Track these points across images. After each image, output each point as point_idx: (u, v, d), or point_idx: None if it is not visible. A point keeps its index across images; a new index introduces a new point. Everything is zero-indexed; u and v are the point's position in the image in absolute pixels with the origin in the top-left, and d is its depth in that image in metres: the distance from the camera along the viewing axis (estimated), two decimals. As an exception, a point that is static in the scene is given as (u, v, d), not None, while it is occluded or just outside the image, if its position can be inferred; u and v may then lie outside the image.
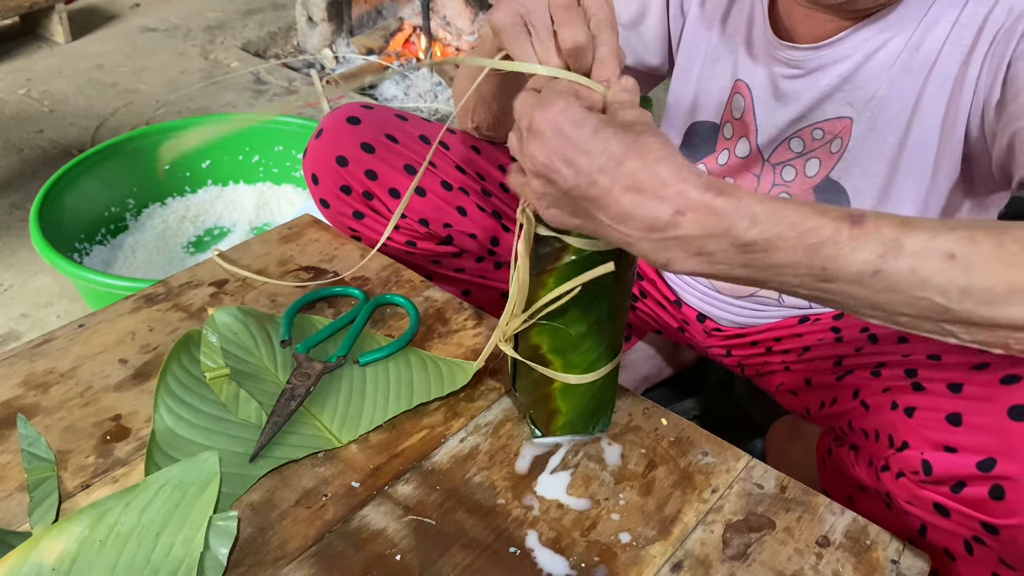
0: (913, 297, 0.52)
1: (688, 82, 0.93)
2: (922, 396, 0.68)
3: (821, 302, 0.55)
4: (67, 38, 2.77)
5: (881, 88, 0.78)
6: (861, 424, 0.77)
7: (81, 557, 0.60)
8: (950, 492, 0.62)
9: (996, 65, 0.71)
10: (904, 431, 0.68)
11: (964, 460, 0.61)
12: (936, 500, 0.64)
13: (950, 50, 0.74)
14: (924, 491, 0.65)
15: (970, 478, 0.60)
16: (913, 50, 0.76)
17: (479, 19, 2.84)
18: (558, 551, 0.64)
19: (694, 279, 1.01)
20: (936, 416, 0.65)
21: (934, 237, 0.51)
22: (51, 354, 0.81)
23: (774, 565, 0.63)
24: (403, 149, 0.95)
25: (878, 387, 0.75)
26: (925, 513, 0.66)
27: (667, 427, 0.75)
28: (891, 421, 0.70)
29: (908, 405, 0.69)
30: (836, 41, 0.78)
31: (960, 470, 0.61)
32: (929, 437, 0.64)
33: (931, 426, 0.65)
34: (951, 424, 0.63)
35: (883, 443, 0.71)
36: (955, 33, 0.73)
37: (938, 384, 0.67)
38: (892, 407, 0.71)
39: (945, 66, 0.74)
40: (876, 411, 0.74)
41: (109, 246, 1.70)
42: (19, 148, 2.17)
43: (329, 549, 0.63)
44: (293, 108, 2.29)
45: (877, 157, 0.80)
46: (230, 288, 0.91)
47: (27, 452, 0.70)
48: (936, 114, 0.76)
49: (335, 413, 0.75)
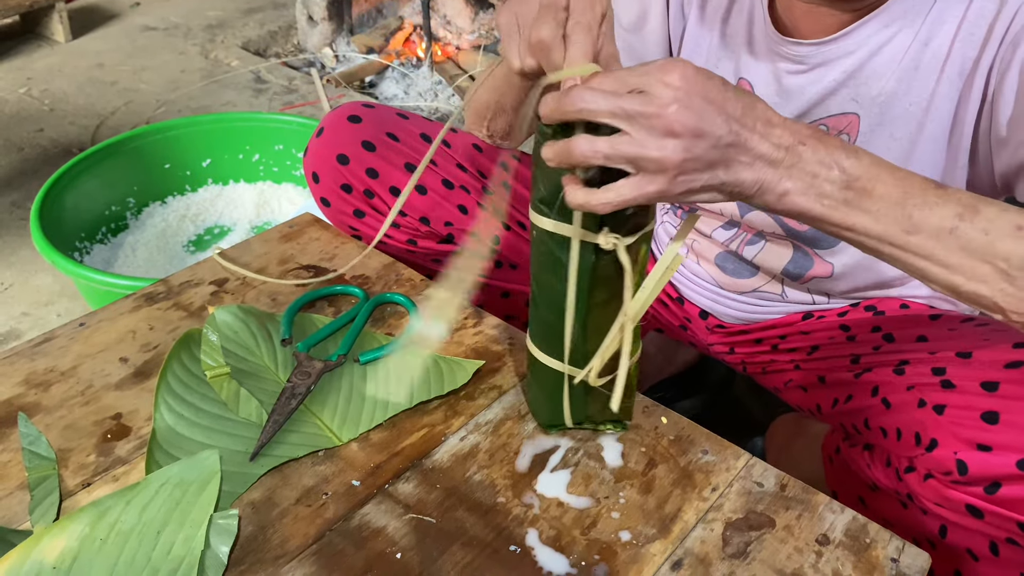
0: (981, 260, 0.56)
1: None
2: (952, 394, 0.67)
3: (892, 260, 0.59)
4: (67, 37, 2.77)
5: (888, 84, 0.77)
6: (880, 422, 0.76)
7: (82, 555, 0.60)
8: (984, 493, 0.62)
9: (1003, 71, 0.71)
10: (933, 429, 0.67)
11: (1002, 459, 0.60)
12: (969, 502, 0.63)
13: (960, 47, 0.73)
14: (955, 492, 0.64)
15: (1007, 478, 0.60)
16: (922, 46, 0.75)
17: (479, 18, 2.83)
18: (558, 549, 0.64)
19: (695, 276, 1.01)
20: (970, 414, 0.64)
21: (1005, 210, 0.56)
22: (52, 353, 0.81)
23: (774, 563, 0.63)
24: (404, 147, 0.95)
25: (902, 384, 0.74)
26: (954, 515, 0.65)
27: (667, 426, 0.75)
28: (918, 419, 0.70)
29: (938, 403, 0.68)
30: (840, 36, 0.78)
31: (997, 469, 0.60)
32: (962, 435, 0.64)
33: (965, 424, 0.64)
34: (987, 422, 0.62)
35: (907, 442, 0.71)
36: (964, 30, 0.73)
37: (970, 382, 0.67)
38: (919, 405, 0.70)
39: (957, 63, 0.74)
40: (900, 409, 0.73)
41: (110, 245, 1.70)
42: (19, 147, 2.17)
43: (330, 547, 0.63)
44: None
45: (884, 154, 0.80)
46: (230, 287, 0.91)
47: (28, 451, 0.70)
48: (949, 111, 0.76)
49: (335, 412, 0.75)
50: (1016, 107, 0.70)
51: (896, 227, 0.57)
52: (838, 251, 0.87)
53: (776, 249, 0.91)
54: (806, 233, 0.87)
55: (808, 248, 0.89)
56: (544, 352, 0.70)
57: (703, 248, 0.98)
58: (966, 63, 0.74)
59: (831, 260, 0.88)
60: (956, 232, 0.56)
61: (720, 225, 0.95)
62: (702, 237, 0.98)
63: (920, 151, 0.79)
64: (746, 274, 0.96)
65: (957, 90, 0.75)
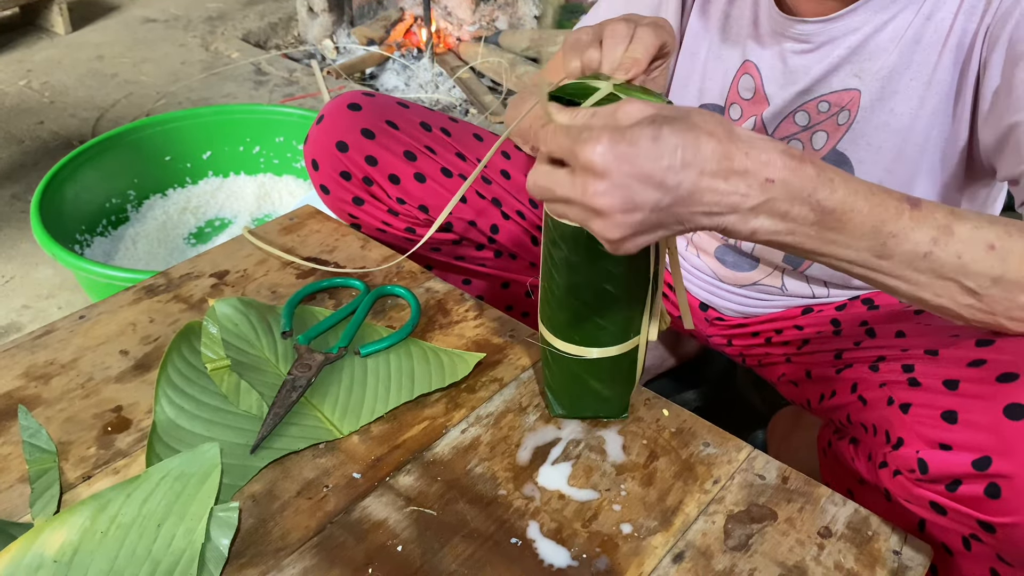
0: (951, 280, 0.58)
1: (695, 64, 0.92)
2: (918, 392, 0.68)
3: (867, 280, 0.59)
4: (67, 29, 2.76)
5: (891, 59, 0.77)
6: (860, 418, 0.76)
7: (82, 548, 0.60)
8: (945, 490, 0.62)
9: (992, 43, 0.71)
10: (899, 427, 0.67)
11: (959, 458, 0.60)
12: (932, 499, 0.63)
13: (962, 20, 0.74)
14: (920, 489, 0.64)
15: (966, 476, 0.60)
16: (924, 19, 0.75)
17: (480, 9, 2.82)
18: (559, 542, 0.64)
19: (695, 268, 1.01)
20: (931, 413, 0.64)
21: (978, 228, 0.57)
22: (52, 345, 0.81)
23: (776, 556, 0.63)
24: (403, 136, 0.95)
25: (876, 381, 0.75)
26: (922, 511, 0.65)
27: (669, 418, 0.75)
28: (887, 417, 0.70)
29: (904, 401, 0.68)
30: (846, 14, 0.78)
31: (955, 468, 0.60)
32: (924, 434, 0.64)
33: (926, 423, 0.64)
34: (946, 421, 0.62)
35: (880, 439, 0.71)
36: (967, 2, 0.73)
37: (934, 380, 0.67)
38: (888, 403, 0.70)
39: (958, 36, 0.74)
40: (873, 406, 0.74)
41: (110, 237, 1.70)
42: (20, 139, 2.16)
43: (330, 540, 0.63)
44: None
45: (884, 128, 0.80)
46: (231, 279, 0.91)
47: (28, 443, 0.70)
48: (950, 84, 0.76)
49: (336, 404, 0.75)
50: (1002, 81, 0.70)
51: (869, 253, 0.57)
52: None
53: None
54: None
55: None
56: (569, 341, 0.69)
57: (703, 241, 0.98)
58: (966, 36, 0.74)
59: None
60: (930, 257, 0.56)
61: None
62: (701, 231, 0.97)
63: (920, 125, 0.78)
64: (746, 267, 0.95)
65: (958, 64, 0.75)
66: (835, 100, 0.81)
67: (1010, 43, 0.69)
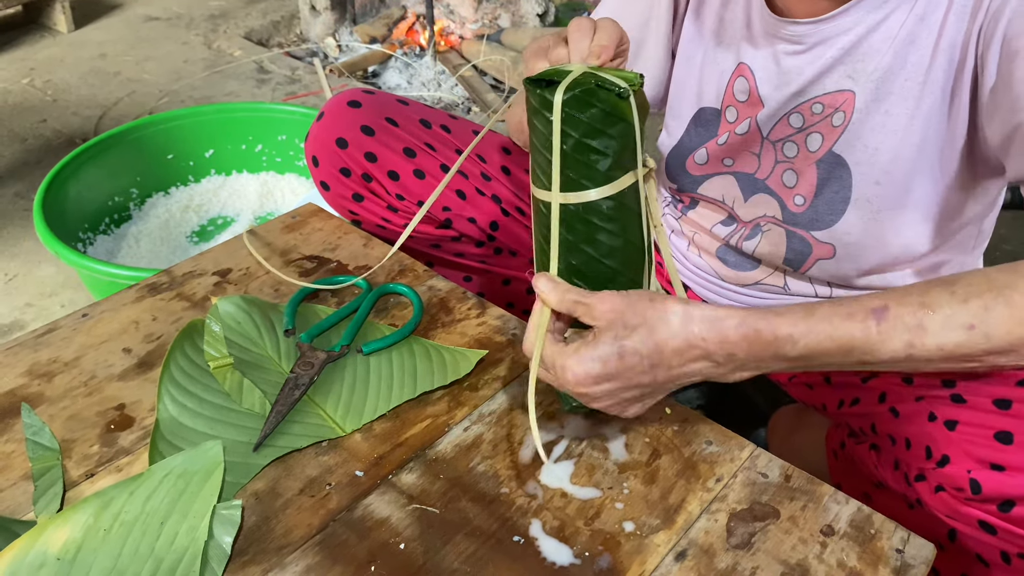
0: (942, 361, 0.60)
1: (692, 68, 0.92)
2: (964, 410, 0.68)
3: None
4: (70, 27, 2.76)
5: (885, 59, 0.77)
6: (888, 429, 0.76)
7: (85, 546, 0.60)
8: (997, 511, 0.62)
9: (987, 42, 0.70)
10: (944, 445, 0.67)
11: (1016, 480, 0.61)
12: (982, 518, 0.64)
13: (955, 20, 0.73)
14: (969, 508, 0.64)
15: (1022, 498, 0.60)
16: (918, 19, 0.75)
17: (482, 7, 2.82)
18: (562, 540, 0.64)
19: (698, 268, 1.00)
20: (983, 432, 0.65)
21: (952, 316, 0.58)
22: (55, 343, 0.81)
23: (778, 554, 0.63)
24: (403, 132, 0.95)
25: (910, 395, 0.75)
26: (968, 528, 0.65)
27: (671, 416, 0.75)
28: (928, 432, 0.70)
29: (949, 418, 0.68)
30: (839, 14, 0.77)
31: (1012, 490, 0.61)
32: (975, 454, 0.64)
33: (978, 442, 0.64)
34: (1000, 442, 0.63)
35: (917, 453, 0.71)
36: (958, 2, 0.73)
37: (982, 398, 0.67)
38: (930, 418, 0.70)
39: (951, 34, 0.73)
40: (909, 419, 0.74)
41: (113, 235, 1.70)
42: (22, 138, 2.17)
43: (333, 538, 0.63)
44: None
45: (880, 130, 0.80)
46: (233, 277, 0.91)
47: (31, 441, 0.70)
48: (946, 84, 0.75)
49: (339, 402, 0.75)
50: (999, 79, 0.70)
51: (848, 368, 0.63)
52: (835, 232, 0.86)
53: (773, 238, 0.90)
54: (801, 217, 0.86)
55: (803, 232, 0.88)
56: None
57: (704, 242, 0.98)
58: (959, 35, 0.73)
59: (830, 241, 0.87)
60: (912, 357, 0.60)
61: (719, 220, 0.95)
62: (702, 231, 0.97)
63: (916, 126, 0.78)
64: (748, 267, 0.95)
65: (953, 63, 0.74)
66: (829, 101, 0.81)
67: (1005, 40, 0.69)
